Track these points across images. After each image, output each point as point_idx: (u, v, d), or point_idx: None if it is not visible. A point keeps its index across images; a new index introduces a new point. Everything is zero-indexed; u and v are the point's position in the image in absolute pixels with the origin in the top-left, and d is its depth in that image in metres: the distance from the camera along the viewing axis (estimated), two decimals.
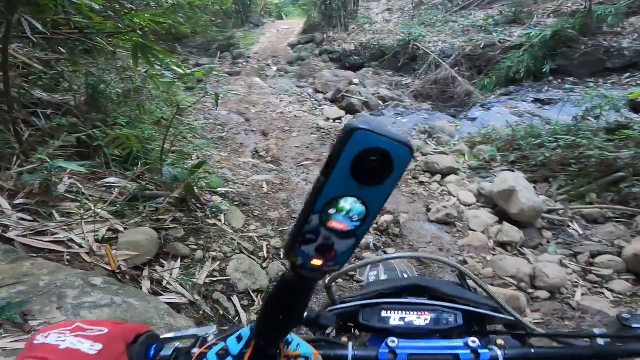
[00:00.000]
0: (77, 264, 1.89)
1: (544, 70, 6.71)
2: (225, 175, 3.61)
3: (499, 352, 0.50)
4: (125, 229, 2.18)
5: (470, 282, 0.80)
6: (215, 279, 2.20)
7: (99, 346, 0.39)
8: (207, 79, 8.70)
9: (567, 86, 6.27)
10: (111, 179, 2.53)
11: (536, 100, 6.25)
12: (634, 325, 0.51)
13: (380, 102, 6.70)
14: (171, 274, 2.07)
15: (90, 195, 2.34)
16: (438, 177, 4.07)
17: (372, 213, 0.30)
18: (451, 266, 0.65)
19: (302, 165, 4.31)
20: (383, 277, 1.05)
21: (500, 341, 0.54)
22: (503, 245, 3.16)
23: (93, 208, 2.14)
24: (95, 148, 2.74)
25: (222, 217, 2.76)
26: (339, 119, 5.95)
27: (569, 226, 3.35)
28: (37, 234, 1.93)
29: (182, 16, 8.95)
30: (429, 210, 3.60)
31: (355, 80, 7.23)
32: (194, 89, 7.85)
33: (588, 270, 2.81)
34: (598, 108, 3.92)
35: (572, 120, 4.11)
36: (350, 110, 6.27)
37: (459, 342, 0.52)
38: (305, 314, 0.44)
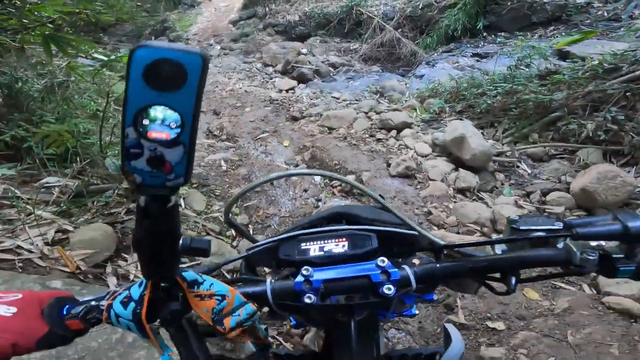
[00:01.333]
0: (31, 269, 1.74)
1: (478, 27, 6.94)
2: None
3: (409, 270, 0.51)
4: (75, 227, 2.02)
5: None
6: (185, 265, 2.11)
7: (13, 309, 0.40)
8: None
9: (499, 40, 6.55)
10: (49, 179, 2.30)
11: (474, 55, 6.48)
12: (522, 227, 0.52)
13: (331, 69, 6.63)
14: (137, 267, 1.96)
15: (29, 199, 2.13)
16: (394, 133, 4.14)
17: (187, 118, 0.31)
18: (355, 187, 0.62)
19: (259, 139, 4.19)
20: None
21: (415, 260, 0.55)
22: (462, 191, 3.28)
23: (33, 211, 1.96)
24: (26, 149, 2.48)
25: (181, 201, 2.64)
26: (292, 89, 5.82)
27: (517, 166, 3.54)
28: None
29: (100, 4, 8.18)
30: (389, 165, 3.65)
31: (304, 50, 7.07)
32: None
33: (542, 210, 2.93)
34: (528, 57, 4.16)
35: (507, 70, 4.31)
36: (302, 79, 6.15)
37: (370, 264, 0.51)
38: (180, 242, 0.41)
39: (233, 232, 2.57)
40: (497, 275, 0.54)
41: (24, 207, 2.04)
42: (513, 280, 0.52)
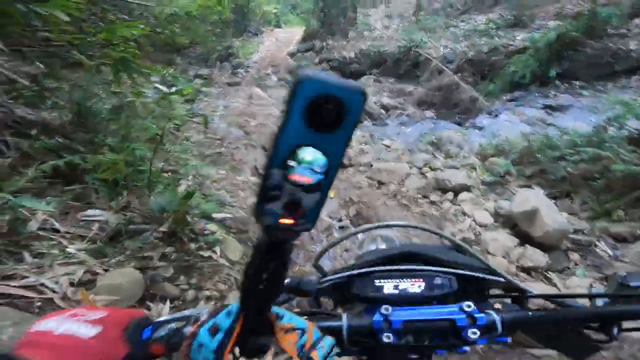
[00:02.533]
0: (48, 310, 1.60)
1: (549, 75, 6.38)
2: (223, 198, 3.29)
3: (496, 316, 0.49)
4: (105, 270, 1.87)
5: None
6: None
7: (95, 330, 0.39)
8: (207, 90, 8.44)
9: (578, 91, 5.94)
10: (91, 212, 2.21)
11: (545, 107, 5.93)
12: (632, 284, 0.50)
13: (383, 111, 6.39)
14: (159, 315, 1.77)
15: (67, 232, 2.03)
16: (450, 195, 3.74)
17: (333, 163, 0.29)
18: (442, 237, 0.62)
19: None
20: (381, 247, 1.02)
21: (497, 305, 0.53)
22: (527, 270, 2.82)
23: (67, 247, 1.85)
24: (81, 172, 2.46)
25: (217, 248, 2.45)
26: None
27: (596, 246, 3.03)
28: (4, 279, 1.65)
29: (178, 26, 8.70)
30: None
31: None
32: (193, 102, 7.59)
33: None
34: (621, 117, 3.55)
35: (592, 130, 3.76)
36: None
37: (454, 307, 0.50)
38: (287, 280, 0.47)
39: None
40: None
41: (59, 242, 1.94)
42: (615, 329, 0.49)
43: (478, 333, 0.48)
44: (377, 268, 0.57)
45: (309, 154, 0.28)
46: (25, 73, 3.30)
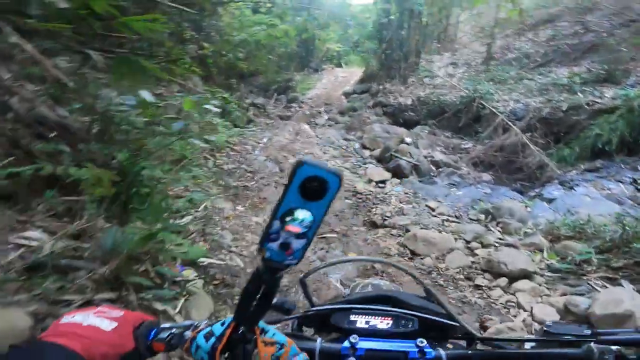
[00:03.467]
0: None
1: None
2: (223, 240, 2.86)
3: (442, 352, 0.58)
4: None
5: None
6: None
7: (114, 325, 0.47)
8: (257, 120, 8.47)
9: None
10: (30, 233, 1.86)
11: (635, 181, 4.88)
12: (553, 331, 0.59)
13: (433, 167, 5.74)
14: None
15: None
16: (503, 281, 2.98)
17: (316, 220, 0.41)
18: (415, 279, 0.73)
19: (323, 238, 3.46)
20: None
21: (449, 345, 0.64)
22: None
23: None
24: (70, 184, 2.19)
25: (179, 303, 1.96)
26: (383, 182, 5.07)
27: None
28: None
29: (243, 52, 8.96)
30: (484, 329, 2.52)
31: (408, 139, 6.38)
32: (242, 129, 7.59)
33: None
34: None
35: None
36: (398, 173, 5.39)
37: (410, 343, 0.60)
38: (274, 300, 0.57)
39: None
40: None
41: None
42: None
43: None
44: (355, 305, 0.68)
45: (301, 214, 0.40)
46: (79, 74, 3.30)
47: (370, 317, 0.66)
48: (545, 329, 0.60)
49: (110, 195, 2.17)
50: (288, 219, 0.40)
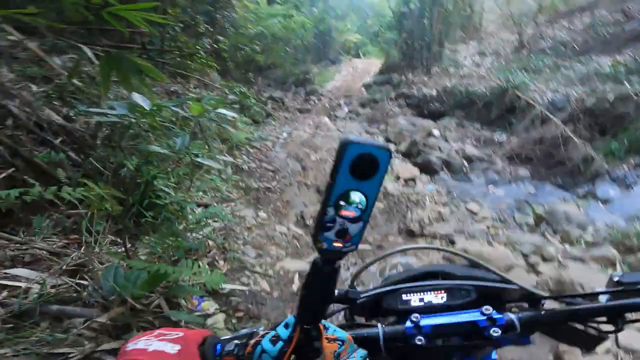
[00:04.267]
0: None
1: None
2: (246, 257, 2.48)
3: (513, 316, 0.54)
4: None
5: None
6: None
7: (177, 347, 0.45)
8: (276, 114, 8.06)
9: None
10: (20, 271, 1.50)
11: None
12: (626, 281, 0.55)
13: (465, 162, 5.21)
14: None
15: None
16: None
17: (370, 201, 0.39)
18: (459, 255, 0.68)
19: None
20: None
21: (515, 309, 0.59)
22: None
23: None
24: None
25: None
26: (412, 179, 4.60)
27: None
28: None
29: (260, 46, 8.54)
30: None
31: (435, 132, 5.86)
32: (260, 124, 7.20)
33: None
34: None
35: None
36: (427, 168, 4.90)
37: (475, 312, 0.56)
38: (337, 291, 0.52)
39: None
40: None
41: None
42: (620, 321, 0.54)
43: (499, 331, 0.53)
44: (403, 285, 0.63)
45: (355, 196, 0.38)
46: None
47: (422, 293, 0.62)
48: (615, 279, 0.56)
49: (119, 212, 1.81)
50: (342, 203, 0.38)
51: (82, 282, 1.42)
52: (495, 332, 0.53)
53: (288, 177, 4.65)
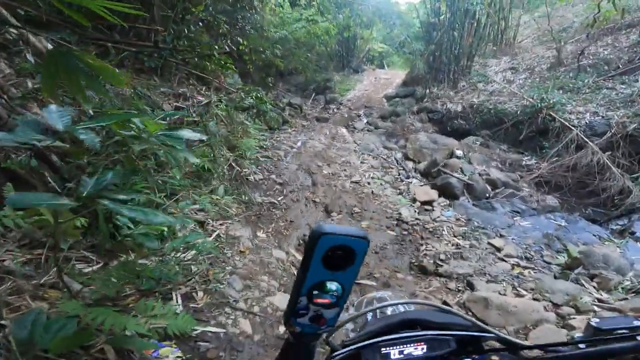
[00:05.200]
0: None
1: None
2: (228, 290, 2.17)
3: None
4: None
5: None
6: None
7: None
8: (293, 121, 7.81)
9: None
10: None
11: None
12: (605, 327, 0.53)
13: (489, 187, 4.75)
14: None
15: None
16: None
17: (347, 288, 0.39)
18: (434, 307, 0.66)
19: (358, 284, 2.66)
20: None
21: (495, 357, 0.57)
22: None
23: None
24: None
25: None
26: (430, 203, 4.20)
27: None
28: None
29: (280, 48, 8.32)
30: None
31: (458, 152, 5.42)
32: (275, 131, 6.95)
33: None
34: None
35: None
36: (447, 192, 4.48)
37: None
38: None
39: None
40: None
41: None
42: None
43: None
44: (382, 338, 0.60)
45: (331, 285, 0.37)
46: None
47: (402, 346, 0.58)
48: (593, 325, 0.54)
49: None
50: (315, 292, 0.38)
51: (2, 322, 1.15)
52: None
53: (296, 191, 4.35)
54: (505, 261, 2.97)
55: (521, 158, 5.64)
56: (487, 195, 4.61)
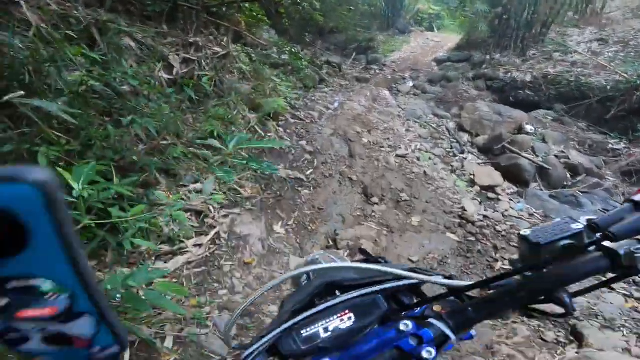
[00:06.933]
0: None
1: None
2: (214, 338, 1.44)
3: (440, 325, 0.42)
4: None
5: None
6: None
7: None
8: (330, 81, 6.84)
9: None
10: None
11: None
12: (542, 242, 0.40)
13: (569, 174, 3.72)
14: None
15: None
16: None
17: (68, 281, 0.22)
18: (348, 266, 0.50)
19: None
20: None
21: (437, 307, 0.45)
22: None
23: None
24: None
25: None
26: (493, 189, 3.27)
27: None
28: None
29: (320, 5, 7.25)
30: None
31: (529, 127, 4.33)
32: (310, 90, 6.06)
33: None
34: None
35: None
36: (514, 176, 3.51)
37: (391, 333, 0.43)
38: None
39: None
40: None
41: None
42: (567, 298, 0.40)
43: (433, 351, 0.40)
44: (297, 319, 0.47)
45: (42, 283, 0.21)
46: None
47: (324, 320, 0.46)
48: (528, 240, 0.41)
49: None
50: (3, 302, 0.22)
51: None
52: (429, 353, 0.39)
53: (329, 163, 3.53)
54: (612, 288, 2.07)
55: (606, 140, 4.45)
56: (564, 183, 3.59)
